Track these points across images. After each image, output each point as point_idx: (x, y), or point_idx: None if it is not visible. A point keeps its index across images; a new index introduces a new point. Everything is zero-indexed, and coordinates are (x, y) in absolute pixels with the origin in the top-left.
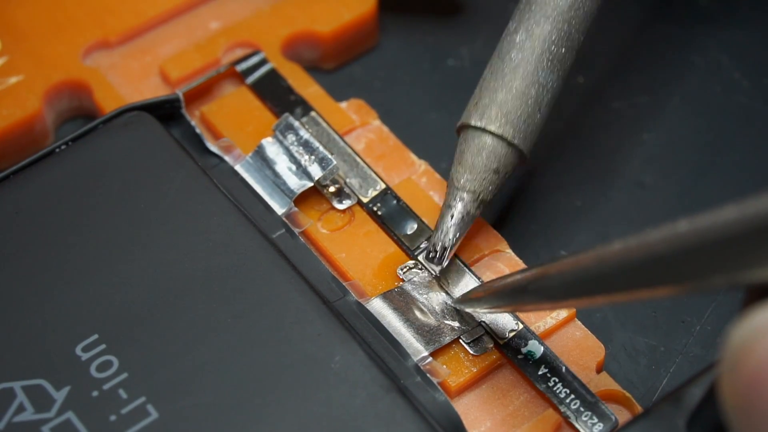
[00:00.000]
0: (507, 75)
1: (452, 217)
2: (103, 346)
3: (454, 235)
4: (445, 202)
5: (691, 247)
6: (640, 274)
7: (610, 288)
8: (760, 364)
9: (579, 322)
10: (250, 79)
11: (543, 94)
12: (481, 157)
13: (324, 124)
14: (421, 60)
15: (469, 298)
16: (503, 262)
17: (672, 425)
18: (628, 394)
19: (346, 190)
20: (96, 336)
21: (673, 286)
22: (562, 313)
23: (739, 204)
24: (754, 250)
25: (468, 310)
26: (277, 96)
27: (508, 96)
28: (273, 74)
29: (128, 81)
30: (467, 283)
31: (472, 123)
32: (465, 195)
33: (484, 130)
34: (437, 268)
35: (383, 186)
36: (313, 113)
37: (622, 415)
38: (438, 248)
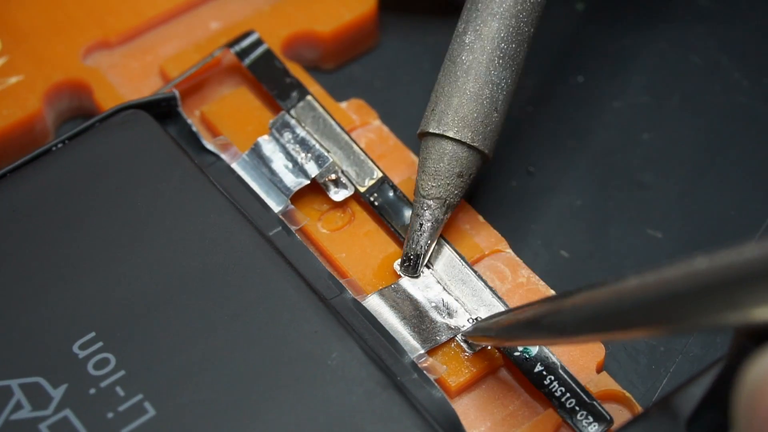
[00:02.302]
0: (460, 78)
1: (421, 225)
2: (100, 344)
3: (426, 243)
4: (413, 211)
5: (710, 286)
6: (656, 311)
7: (627, 324)
8: None
9: None
10: (246, 61)
11: (498, 93)
12: (443, 163)
13: (320, 109)
14: (421, 60)
15: (480, 330)
16: (503, 262)
17: (672, 425)
18: (628, 394)
19: (343, 179)
20: (93, 334)
21: (689, 324)
22: None
23: (760, 242)
24: None
25: (479, 342)
26: (274, 78)
27: (462, 99)
28: (269, 55)
29: (128, 81)
30: (468, 280)
31: (431, 130)
32: (432, 202)
33: (443, 136)
34: (413, 278)
35: (380, 175)
36: (309, 97)
37: (622, 415)
38: (411, 257)
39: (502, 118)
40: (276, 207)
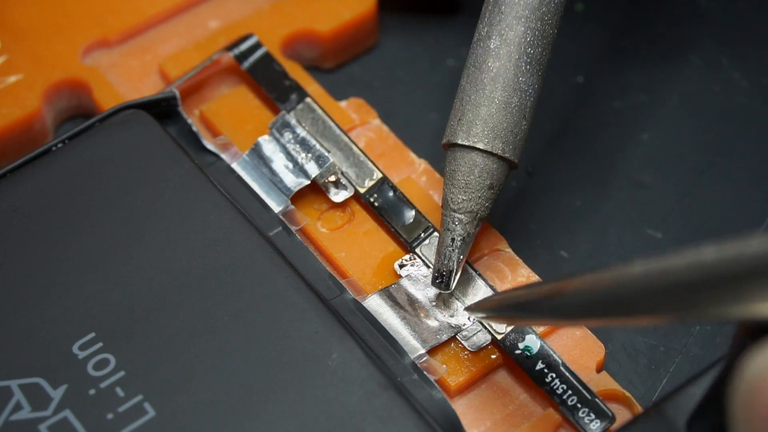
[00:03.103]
0: (487, 86)
1: (453, 240)
2: (100, 345)
3: (458, 258)
4: (443, 225)
5: (716, 278)
6: (661, 299)
7: (630, 311)
8: None
9: None
10: (245, 64)
11: (526, 100)
12: (473, 176)
13: (319, 111)
14: (421, 60)
15: (481, 307)
16: (503, 261)
17: (672, 425)
18: (628, 394)
19: (343, 180)
20: (93, 334)
21: (693, 314)
22: None
23: None
24: None
25: (480, 318)
26: (272, 81)
27: (492, 109)
28: (267, 58)
29: (128, 80)
30: (469, 281)
31: (460, 141)
32: (463, 216)
33: (473, 147)
34: (446, 292)
35: (380, 175)
36: (308, 99)
37: (622, 415)
38: (444, 273)
39: (529, 125)
40: (276, 207)
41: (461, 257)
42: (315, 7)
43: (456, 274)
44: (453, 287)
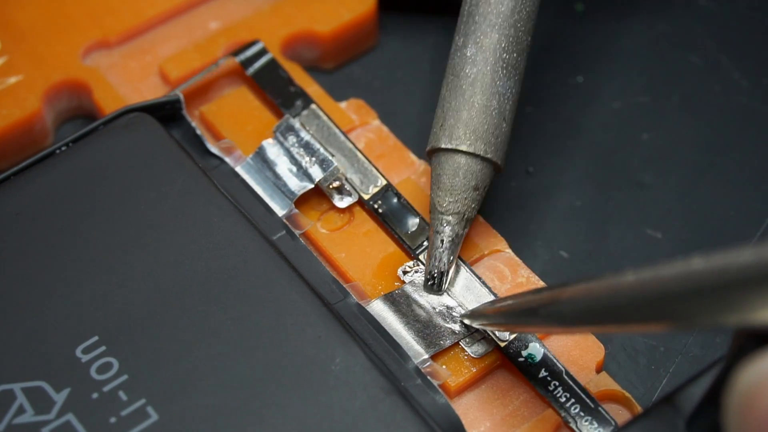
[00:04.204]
0: (466, 91)
1: (442, 242)
2: (103, 348)
3: (448, 259)
4: (432, 228)
5: (705, 288)
6: (651, 308)
7: (622, 319)
8: None
9: None
10: (251, 70)
11: (504, 103)
12: (458, 178)
13: (324, 118)
14: (421, 60)
15: (478, 314)
16: (503, 262)
17: (672, 425)
18: (627, 394)
19: (347, 186)
20: (96, 338)
21: (684, 323)
22: None
23: (757, 247)
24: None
25: (476, 325)
26: (277, 87)
27: (471, 112)
28: (273, 65)
29: (128, 81)
30: (468, 283)
31: (443, 146)
32: (451, 218)
33: (456, 150)
34: (438, 295)
35: (384, 182)
36: (313, 106)
37: (621, 415)
38: (435, 275)
39: (510, 128)
40: (280, 211)
41: (451, 258)
42: (315, 8)
43: (447, 276)
44: (444, 289)
